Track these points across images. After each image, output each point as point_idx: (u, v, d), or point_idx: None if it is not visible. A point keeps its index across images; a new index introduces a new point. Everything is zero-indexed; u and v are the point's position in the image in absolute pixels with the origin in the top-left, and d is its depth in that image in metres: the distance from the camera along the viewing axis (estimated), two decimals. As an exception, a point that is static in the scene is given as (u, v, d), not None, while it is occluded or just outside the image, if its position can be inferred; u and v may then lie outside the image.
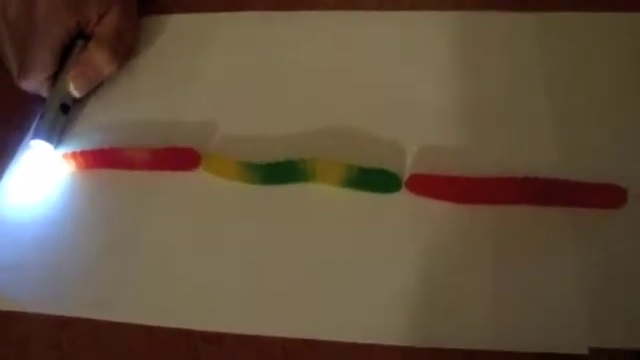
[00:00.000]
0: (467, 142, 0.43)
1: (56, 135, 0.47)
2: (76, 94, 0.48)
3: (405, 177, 0.41)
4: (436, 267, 0.37)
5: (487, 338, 0.34)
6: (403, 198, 0.40)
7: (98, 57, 0.49)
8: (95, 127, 0.49)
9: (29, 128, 0.49)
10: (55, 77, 0.48)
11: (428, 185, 0.40)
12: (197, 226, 0.41)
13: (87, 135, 0.48)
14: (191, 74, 0.51)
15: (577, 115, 0.43)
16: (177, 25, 0.56)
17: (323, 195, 0.41)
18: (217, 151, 0.45)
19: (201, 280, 0.39)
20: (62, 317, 0.38)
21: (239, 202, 0.42)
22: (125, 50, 0.52)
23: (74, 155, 0.45)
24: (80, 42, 0.49)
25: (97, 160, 0.45)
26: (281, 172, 0.42)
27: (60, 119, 0.47)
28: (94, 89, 0.50)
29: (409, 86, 0.47)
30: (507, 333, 0.34)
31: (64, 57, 0.49)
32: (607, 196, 0.38)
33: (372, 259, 0.38)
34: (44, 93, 0.49)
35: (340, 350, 0.35)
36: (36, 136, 0.46)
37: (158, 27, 0.56)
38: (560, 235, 0.37)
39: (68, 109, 0.48)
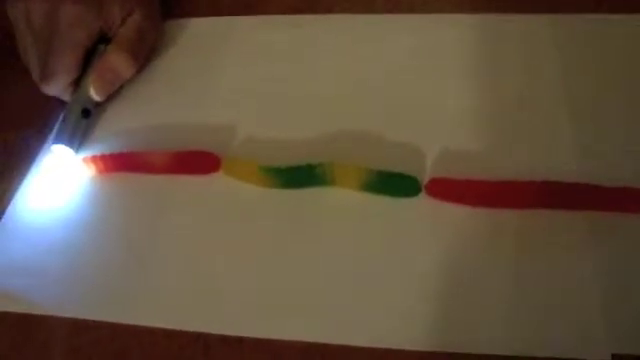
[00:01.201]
0: (486, 146, 0.43)
1: (77, 139, 0.47)
2: (97, 98, 0.49)
3: (424, 181, 0.41)
4: (455, 271, 0.37)
5: (506, 343, 0.34)
6: (422, 202, 0.40)
7: (117, 60, 0.49)
8: (114, 131, 0.49)
9: (50, 131, 0.49)
10: (77, 81, 0.49)
11: (447, 189, 0.40)
12: (216, 230, 0.41)
13: (107, 139, 0.48)
14: (210, 78, 0.51)
15: (596, 117, 0.43)
16: (195, 29, 0.56)
17: (342, 199, 0.41)
18: (236, 155, 0.45)
19: (220, 284, 0.39)
20: (82, 320, 0.38)
21: (258, 206, 0.42)
22: (145, 53, 0.52)
23: (94, 159, 0.45)
24: (102, 46, 0.49)
25: (117, 164, 0.45)
26: (300, 176, 0.42)
27: (81, 123, 0.48)
28: (115, 93, 0.51)
29: (427, 90, 0.47)
30: (527, 338, 0.34)
31: (87, 61, 0.49)
32: (628, 200, 0.38)
33: (391, 263, 0.38)
34: (66, 97, 0.49)
35: (357, 354, 0.35)
36: (57, 141, 0.46)
37: (176, 31, 0.56)
38: (580, 239, 0.37)
39: (89, 113, 0.48)
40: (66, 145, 0.46)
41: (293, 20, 0.55)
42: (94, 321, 0.38)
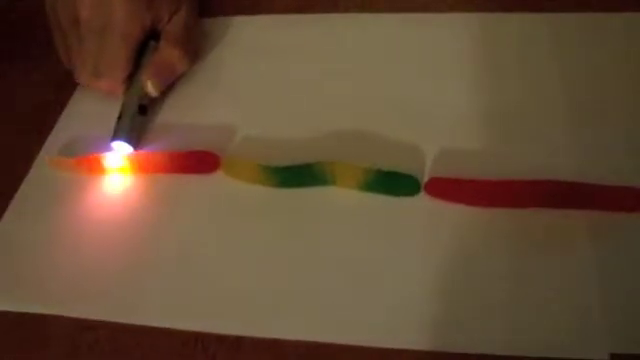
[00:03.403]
0: (486, 145, 0.43)
1: (135, 136, 0.47)
2: (153, 93, 0.48)
3: (424, 180, 0.41)
4: (454, 270, 0.37)
5: (505, 343, 0.34)
6: (422, 201, 0.40)
7: (173, 56, 0.49)
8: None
9: (47, 133, 0.49)
10: (129, 78, 0.48)
11: (447, 188, 0.40)
12: (216, 229, 0.41)
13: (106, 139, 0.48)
14: (211, 77, 0.51)
15: (596, 117, 0.43)
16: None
17: (342, 198, 0.41)
18: (236, 154, 0.45)
19: (220, 283, 0.39)
20: (82, 320, 0.38)
21: (258, 205, 0.42)
22: (194, 48, 0.52)
23: (93, 159, 0.45)
24: (153, 43, 0.49)
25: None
26: (300, 175, 0.42)
27: (138, 120, 0.47)
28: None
29: (427, 89, 0.47)
30: (525, 338, 0.34)
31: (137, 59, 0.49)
32: (627, 199, 0.38)
33: (390, 263, 0.38)
34: (119, 93, 0.48)
35: (356, 354, 0.35)
36: (117, 138, 0.46)
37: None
38: (579, 239, 0.37)
39: (145, 109, 0.48)
40: (125, 142, 0.46)
41: (292, 20, 0.55)
42: (94, 320, 0.38)
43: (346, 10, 0.54)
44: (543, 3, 0.51)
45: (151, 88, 0.48)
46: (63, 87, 0.51)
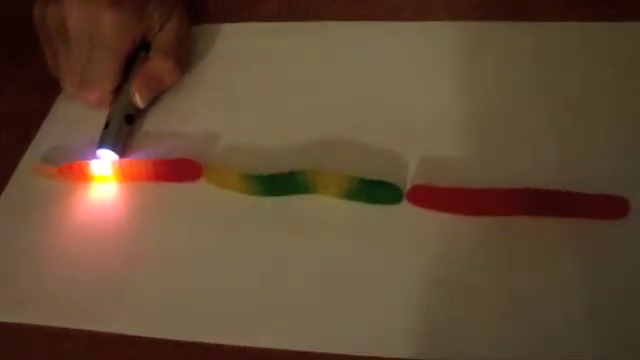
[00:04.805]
0: (469, 153, 0.43)
1: (120, 146, 0.46)
2: (140, 104, 0.48)
3: (406, 189, 0.41)
4: (437, 278, 0.37)
5: (489, 350, 0.34)
6: (404, 210, 0.40)
7: (162, 67, 0.48)
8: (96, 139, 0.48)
9: (30, 139, 0.49)
10: (118, 89, 0.48)
11: (429, 197, 0.40)
12: (198, 237, 0.41)
13: (89, 146, 0.47)
14: (196, 85, 0.51)
15: (580, 126, 0.43)
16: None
17: (324, 207, 0.41)
18: (219, 162, 0.45)
19: (202, 292, 0.39)
20: (60, 329, 0.38)
21: (240, 213, 0.42)
22: (186, 59, 0.52)
23: (75, 167, 0.45)
24: (143, 53, 0.49)
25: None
26: (283, 183, 0.42)
27: (124, 129, 0.47)
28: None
29: (411, 97, 0.47)
30: (509, 344, 0.34)
31: (126, 68, 0.49)
32: (610, 207, 0.38)
33: (373, 271, 0.38)
34: (105, 105, 0.48)
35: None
36: (103, 146, 0.45)
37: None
38: (562, 246, 0.37)
39: (132, 119, 0.48)
40: (111, 150, 0.46)
41: (276, 28, 0.55)
42: (73, 329, 0.38)
43: (330, 18, 0.55)
44: (527, 12, 0.51)
45: (139, 100, 0.48)
46: (47, 92, 0.50)
